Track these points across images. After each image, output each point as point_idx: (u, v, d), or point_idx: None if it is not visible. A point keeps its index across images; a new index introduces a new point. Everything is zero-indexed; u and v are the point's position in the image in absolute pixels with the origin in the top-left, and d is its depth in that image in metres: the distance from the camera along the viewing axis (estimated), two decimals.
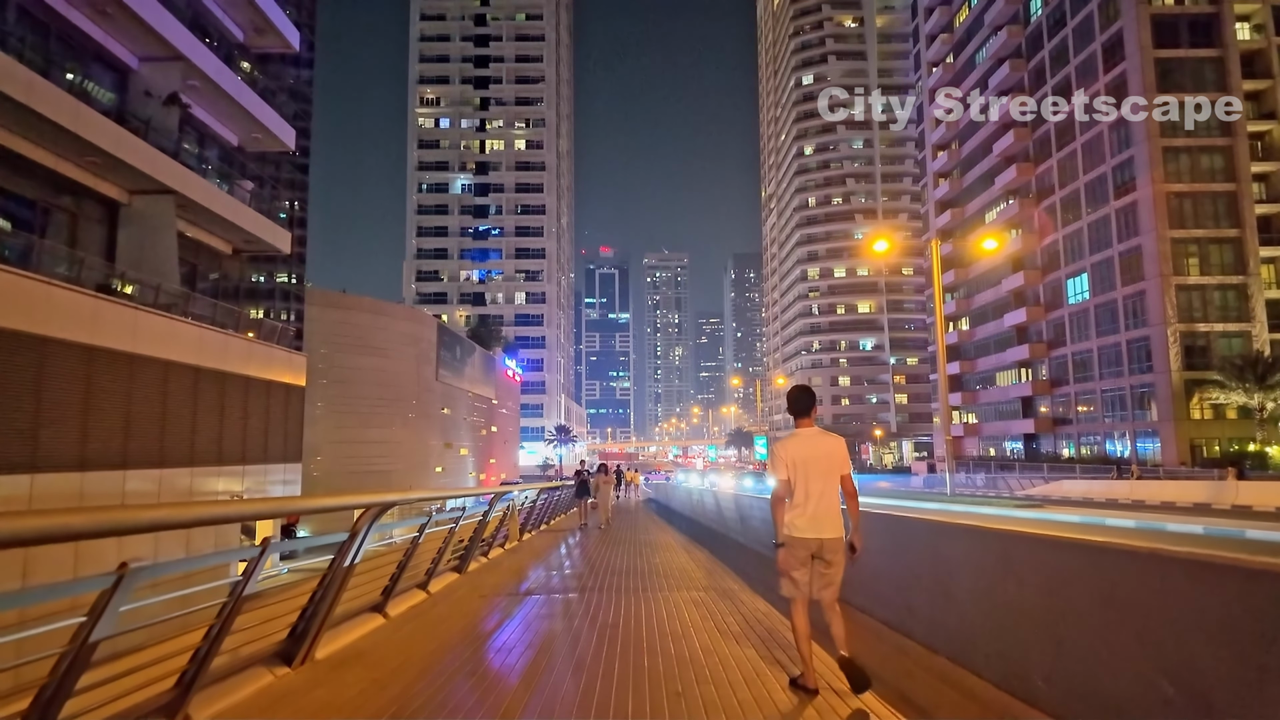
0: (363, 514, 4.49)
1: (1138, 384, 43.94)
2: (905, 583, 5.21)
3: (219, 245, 19.58)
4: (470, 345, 53.83)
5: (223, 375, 16.57)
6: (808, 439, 4.05)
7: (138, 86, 16.27)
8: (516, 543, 12.24)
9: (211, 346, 16.24)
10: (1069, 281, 50.73)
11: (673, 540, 13.15)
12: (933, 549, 4.87)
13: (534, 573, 8.96)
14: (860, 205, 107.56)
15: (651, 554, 10.82)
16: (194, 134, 18.80)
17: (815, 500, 3.93)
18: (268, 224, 19.98)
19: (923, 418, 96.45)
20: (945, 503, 25.00)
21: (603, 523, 15.26)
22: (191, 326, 15.63)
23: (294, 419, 20.03)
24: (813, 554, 3.96)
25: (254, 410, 17.91)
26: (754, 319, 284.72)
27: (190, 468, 15.39)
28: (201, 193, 16.81)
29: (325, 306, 35.46)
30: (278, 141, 21.08)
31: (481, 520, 8.72)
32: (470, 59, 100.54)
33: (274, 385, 18.92)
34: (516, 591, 7.46)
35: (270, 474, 18.78)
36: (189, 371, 15.36)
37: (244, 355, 17.67)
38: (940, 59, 68.86)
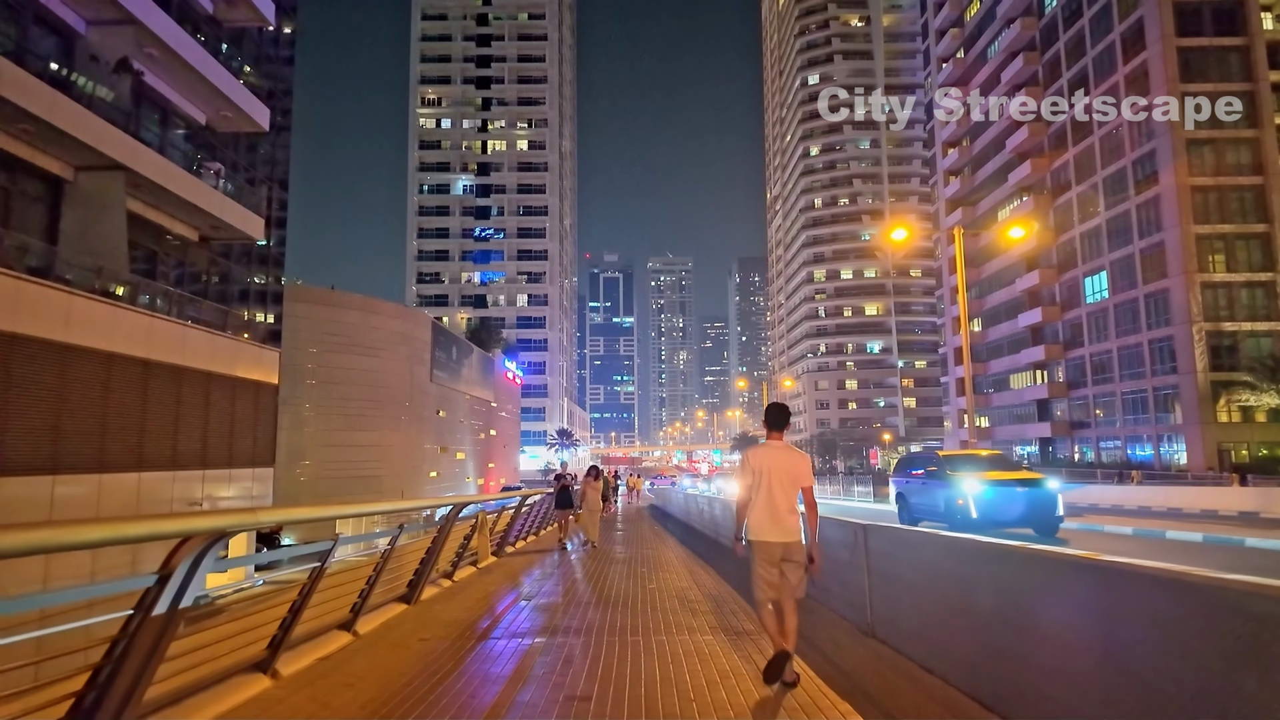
0: (179, 547, 2.87)
1: (1161, 386, 42.15)
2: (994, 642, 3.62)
3: (184, 231, 18.05)
4: (467, 346, 52.28)
5: (179, 370, 15.04)
6: (776, 451, 4.42)
7: (85, 52, 14.77)
8: (491, 560, 10.62)
9: (165, 338, 14.72)
10: (1086, 280, 48.99)
11: (673, 556, 11.52)
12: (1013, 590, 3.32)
13: (502, 601, 7.34)
14: (867, 206, 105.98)
15: (648, 575, 9.21)
16: (155, 110, 17.31)
17: (777, 507, 4.28)
18: (237, 208, 18.44)
19: (931, 422, 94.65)
20: None
21: (588, 542, 12.64)
22: (140, 315, 14.10)
23: (265, 420, 18.47)
24: (780, 557, 4.27)
25: (217, 410, 16.37)
26: (758, 323, 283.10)
27: (138, 473, 13.86)
28: (156, 170, 15.28)
29: (313, 304, 33.99)
30: (250, 121, 19.56)
31: (437, 538, 7.12)
32: (472, 59, 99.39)
33: (241, 383, 17.37)
34: (472, 631, 5.85)
35: (236, 479, 17.23)
36: (137, 365, 13.84)
37: (206, 349, 16.13)
38: (950, 54, 67.29)
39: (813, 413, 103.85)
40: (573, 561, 10.71)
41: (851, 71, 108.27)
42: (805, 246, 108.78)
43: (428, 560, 7.04)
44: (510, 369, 69.38)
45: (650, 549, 12.74)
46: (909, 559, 4.80)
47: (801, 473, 4.40)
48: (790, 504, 4.33)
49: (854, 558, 5.67)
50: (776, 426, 4.56)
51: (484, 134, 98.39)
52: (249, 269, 21.94)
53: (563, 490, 13.29)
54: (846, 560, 5.93)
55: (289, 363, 32.26)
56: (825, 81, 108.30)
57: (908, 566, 4.80)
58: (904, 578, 4.84)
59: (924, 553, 4.59)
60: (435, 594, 7.53)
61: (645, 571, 9.51)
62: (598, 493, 13.40)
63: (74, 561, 10.63)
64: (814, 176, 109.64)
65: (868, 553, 5.42)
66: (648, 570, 9.66)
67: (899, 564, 4.96)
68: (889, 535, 5.20)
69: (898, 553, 5.01)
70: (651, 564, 10.44)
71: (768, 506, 4.30)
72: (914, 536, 4.78)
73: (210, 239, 19.06)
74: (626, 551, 12.28)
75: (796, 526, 4.33)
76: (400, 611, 6.52)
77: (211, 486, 16.20)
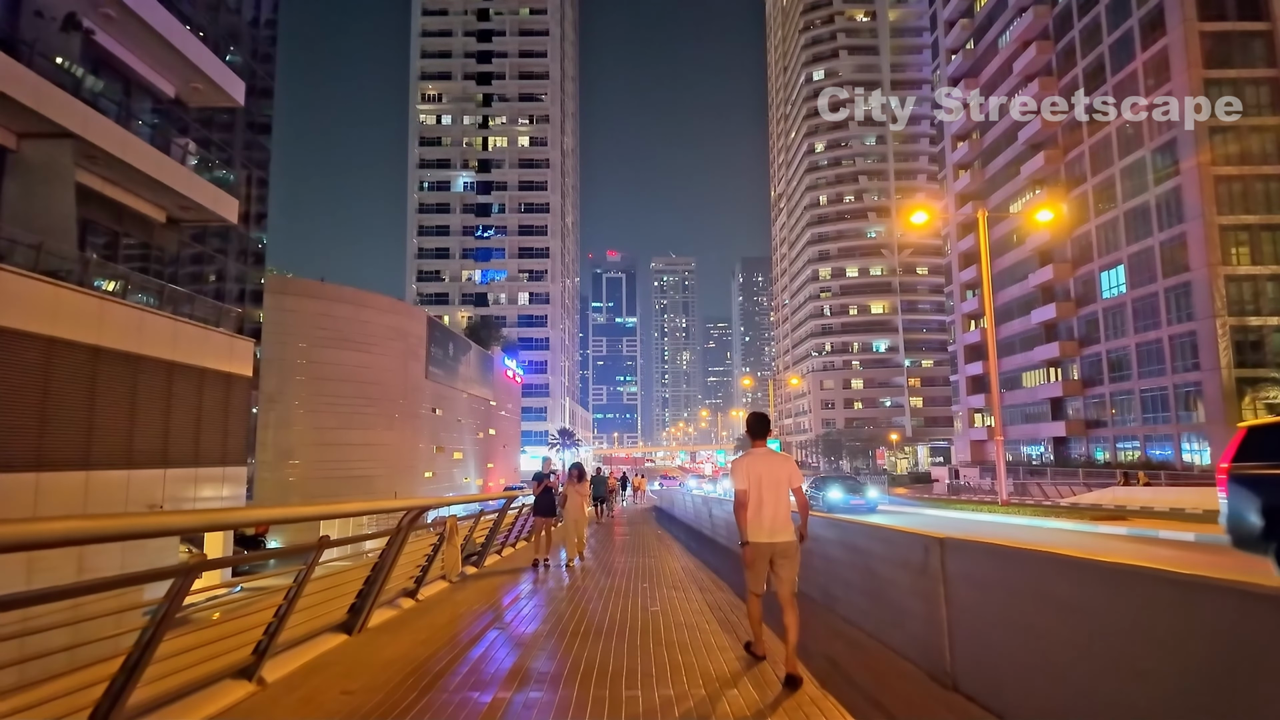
0: None
1: (1182, 383, 40.62)
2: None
3: (149, 211, 16.69)
4: (465, 343, 50.89)
5: (134, 359, 13.68)
6: (763, 457, 4.72)
7: (29, 7, 13.44)
8: (472, 570, 9.22)
9: (118, 323, 13.35)
10: (1103, 274, 47.47)
11: (678, 567, 10.13)
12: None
13: (468, 630, 5.95)
14: (873, 203, 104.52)
15: (649, 592, 7.81)
16: (116, 78, 15.96)
17: (769, 510, 4.58)
18: (207, 187, 17.08)
19: (939, 422, 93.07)
20: (1004, 514, 21.64)
21: (573, 558, 10.38)
22: (88, 298, 12.75)
23: (237, 415, 17.09)
24: (771, 556, 4.55)
25: (181, 403, 15.01)
26: (762, 323, 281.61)
27: (85, 471, 12.52)
28: (112, 140, 13.93)
29: (302, 296, 32.68)
30: (224, 95, 18.21)
31: (386, 551, 5.73)
32: (473, 54, 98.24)
33: (209, 374, 15.99)
34: (417, 678, 4.45)
35: (205, 479, 15.86)
36: (83, 352, 12.49)
37: (167, 336, 14.76)
38: (960, 45, 65.80)
39: (818, 413, 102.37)
40: (561, 577, 9.20)
41: (857, 67, 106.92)
42: (810, 244, 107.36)
43: (375, 579, 5.65)
44: (510, 367, 68.01)
45: (653, 558, 11.34)
46: (1021, 586, 3.39)
47: (790, 474, 4.69)
48: (781, 506, 4.59)
49: (922, 582, 4.27)
50: (759, 434, 4.91)
51: (485, 130, 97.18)
52: (226, 256, 20.56)
53: (544, 493, 10.47)
54: (909, 585, 4.53)
55: (277, 358, 30.96)
56: (830, 77, 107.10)
57: (1016, 595, 3.40)
58: (1010, 613, 3.45)
59: (1051, 580, 3.18)
60: (388, 619, 6.14)
61: (647, 588, 8.10)
62: (582, 498, 10.74)
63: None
64: (819, 173, 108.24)
65: (946, 577, 4.02)
66: (650, 586, 8.25)
67: (1000, 592, 3.56)
68: (981, 554, 3.79)
69: (998, 577, 3.61)
70: (654, 577, 9.04)
71: (759, 510, 4.57)
72: (1029, 557, 3.37)
73: (179, 221, 17.69)
74: (627, 561, 10.87)
75: (787, 527, 4.57)
76: (334, 646, 5.13)
77: (176, 487, 14.83)
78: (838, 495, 23.73)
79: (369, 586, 5.65)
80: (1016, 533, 16.30)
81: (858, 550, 5.57)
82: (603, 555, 11.70)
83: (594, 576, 9.18)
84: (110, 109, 14.82)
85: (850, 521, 6.01)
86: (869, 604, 5.23)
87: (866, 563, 5.35)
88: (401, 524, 5.81)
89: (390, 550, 5.72)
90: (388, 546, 5.72)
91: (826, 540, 6.15)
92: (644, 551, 12.27)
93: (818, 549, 6.21)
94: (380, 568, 5.68)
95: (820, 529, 6.13)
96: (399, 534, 5.75)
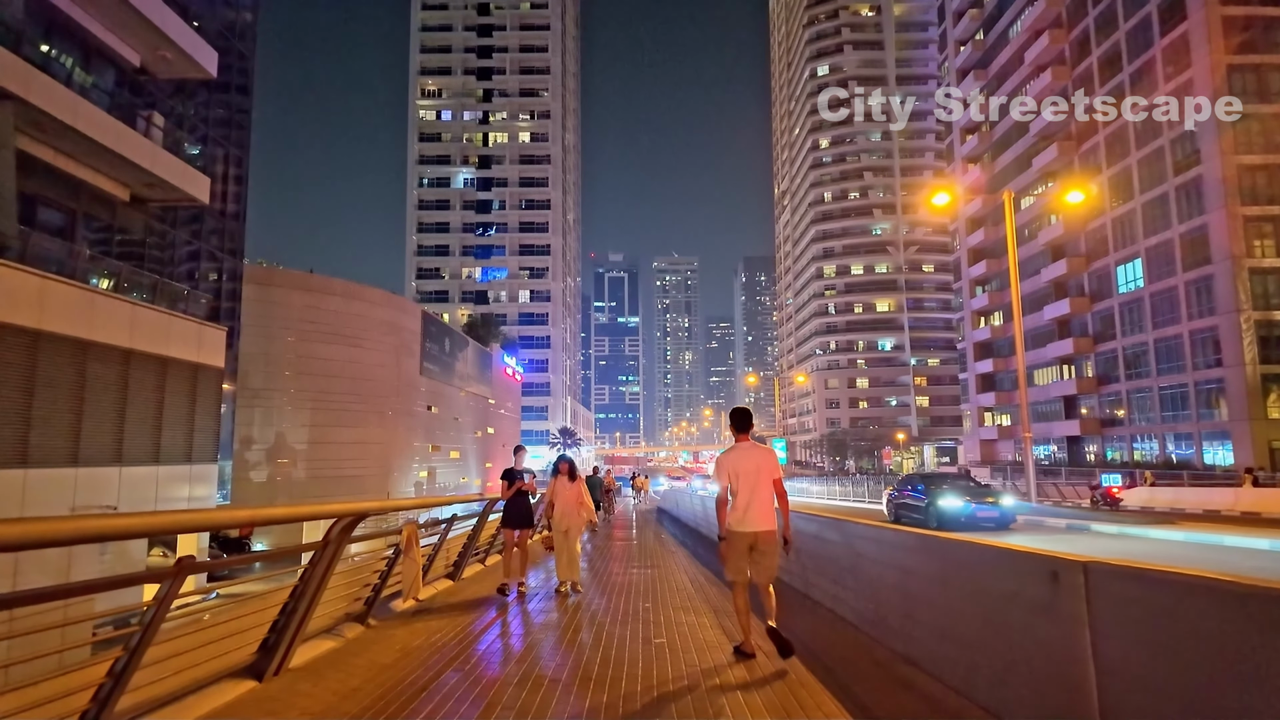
0: None
1: (1204, 380, 39.20)
2: None
3: (109, 188, 15.39)
4: (462, 339, 49.56)
5: (83, 345, 12.40)
6: (745, 451, 4.76)
7: None
8: (449, 583, 7.88)
9: (63, 305, 12.07)
10: (1119, 269, 46.05)
11: (685, 579, 8.81)
12: None
13: (415, 675, 4.64)
14: (878, 200, 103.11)
15: (653, 613, 6.48)
16: (72, 42, 14.67)
17: (750, 501, 4.64)
18: (174, 163, 15.77)
19: (946, 421, 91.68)
20: (1050, 516, 20.08)
21: (566, 583, 7.85)
22: (28, 275, 11.46)
23: (207, 408, 15.79)
24: (750, 546, 4.62)
25: (139, 395, 13.72)
26: (765, 323, 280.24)
27: (23, 469, 11.24)
28: (59, 104, 12.64)
29: (290, 288, 31.38)
30: (195, 66, 16.91)
31: (309, 570, 4.42)
32: (473, 49, 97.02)
33: (174, 363, 14.70)
34: None
35: (168, 478, 14.56)
36: (21, 336, 11.21)
37: (124, 321, 13.47)
38: (969, 36, 64.38)
39: (822, 412, 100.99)
40: (542, 600, 7.43)
41: (862, 62, 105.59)
42: (814, 241, 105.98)
43: (294, 606, 4.33)
44: (510, 364, 66.71)
45: (656, 568, 10.01)
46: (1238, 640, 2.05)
47: (770, 466, 4.74)
48: (762, 497, 4.68)
49: (1052, 626, 2.95)
50: (742, 429, 4.88)
51: (485, 126, 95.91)
52: (200, 240, 19.24)
53: (517, 498, 7.83)
54: (1021, 623, 3.21)
55: (263, 352, 29.70)
56: (835, 72, 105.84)
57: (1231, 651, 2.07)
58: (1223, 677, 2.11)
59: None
60: (318, 656, 4.82)
61: (649, 609, 6.77)
62: (576, 501, 7.96)
63: None
64: (823, 169, 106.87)
65: (1091, 618, 2.70)
66: (652, 606, 6.92)
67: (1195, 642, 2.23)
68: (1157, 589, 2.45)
69: (1191, 622, 2.27)
70: (658, 594, 7.70)
71: (739, 503, 4.69)
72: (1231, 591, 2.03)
73: (146, 200, 16.41)
74: (626, 573, 9.54)
75: (767, 518, 4.66)
76: (232, 699, 3.82)
77: (134, 487, 13.54)
78: (955, 504, 16.20)
79: (287, 617, 4.33)
80: (1133, 548, 13.07)
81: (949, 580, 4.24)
82: (598, 566, 10.38)
83: (586, 593, 7.85)
84: (65, 75, 13.55)
85: (928, 536, 4.65)
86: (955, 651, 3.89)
87: (960, 592, 4.02)
88: (329, 536, 4.49)
89: (316, 569, 4.40)
90: (310, 565, 4.40)
91: (880, 561, 4.82)
92: (646, 560, 10.95)
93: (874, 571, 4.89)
94: (300, 593, 4.35)
95: (882, 545, 4.81)
96: (325, 549, 4.42)
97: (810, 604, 6.44)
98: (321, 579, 4.48)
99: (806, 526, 6.53)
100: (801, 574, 6.94)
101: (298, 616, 4.33)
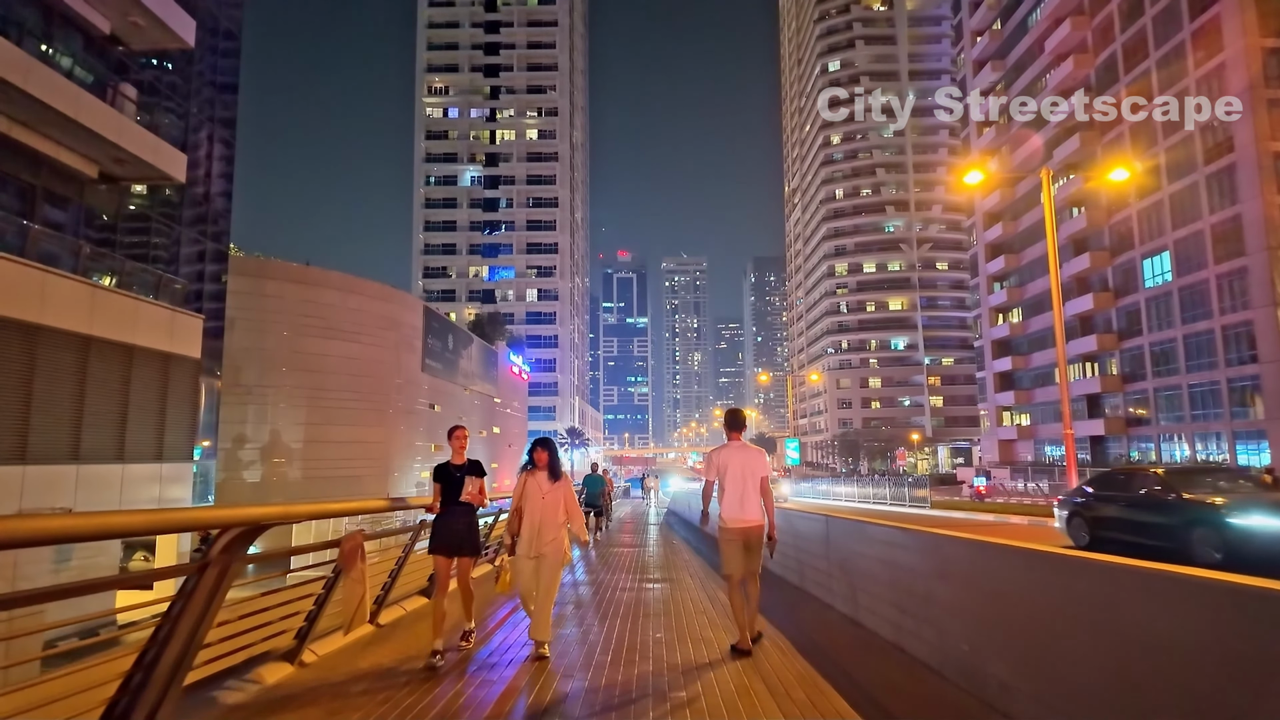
0: None
1: (1237, 377, 37.54)
2: None
3: (74, 163, 14.23)
4: (466, 335, 48.38)
5: (30, 329, 11.24)
6: (736, 449, 5.05)
7: None
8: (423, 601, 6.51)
9: (6, 283, 10.88)
10: (1145, 262, 44.40)
11: (702, 597, 7.49)
12: None
13: None
14: (891, 196, 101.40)
15: (665, 658, 5.17)
16: (33, 4, 13.52)
17: (739, 497, 4.91)
18: (146, 137, 14.61)
19: (960, 421, 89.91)
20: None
21: (541, 643, 4.87)
22: None
23: (180, 403, 14.61)
24: (744, 541, 4.88)
25: (100, 386, 12.54)
26: (774, 323, 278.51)
27: None
28: (7, 64, 11.46)
29: (285, 281, 30.28)
30: (170, 35, 15.74)
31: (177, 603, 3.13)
32: (480, 46, 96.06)
33: (141, 353, 13.53)
34: None
35: (134, 477, 13.37)
36: None
37: (82, 304, 12.31)
38: (986, 26, 62.82)
39: (834, 412, 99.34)
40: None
41: (873, 57, 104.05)
42: (826, 239, 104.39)
43: (153, 657, 3.05)
44: (515, 363, 65.53)
45: (668, 578, 8.69)
46: None
47: (759, 465, 5.01)
48: (751, 494, 4.93)
49: None
50: (735, 428, 5.22)
51: (492, 123, 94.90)
52: (179, 224, 18.05)
53: (453, 511, 5.11)
54: None
55: (256, 347, 28.60)
56: (846, 68, 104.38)
57: None
58: None
59: None
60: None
61: (661, 640, 5.45)
62: (558, 511, 5.04)
63: None
64: (834, 166, 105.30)
65: None
66: (664, 636, 5.59)
67: None
68: None
69: None
70: (671, 626, 6.38)
71: (729, 498, 4.93)
72: None
73: (115, 177, 15.24)
74: (628, 586, 8.22)
75: (755, 513, 4.92)
76: None
77: (94, 487, 12.35)
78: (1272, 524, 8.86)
79: (143, 671, 3.03)
80: None
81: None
82: (598, 575, 9.07)
83: (581, 614, 6.54)
84: (16, 35, 12.40)
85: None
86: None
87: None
88: (209, 556, 3.20)
89: (191, 602, 3.10)
90: (179, 597, 3.12)
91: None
92: (654, 570, 9.63)
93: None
94: (164, 636, 3.07)
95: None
96: (202, 573, 3.13)
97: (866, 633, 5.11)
98: (206, 613, 3.19)
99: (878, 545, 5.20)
100: (850, 596, 5.61)
101: (153, 674, 3.02)
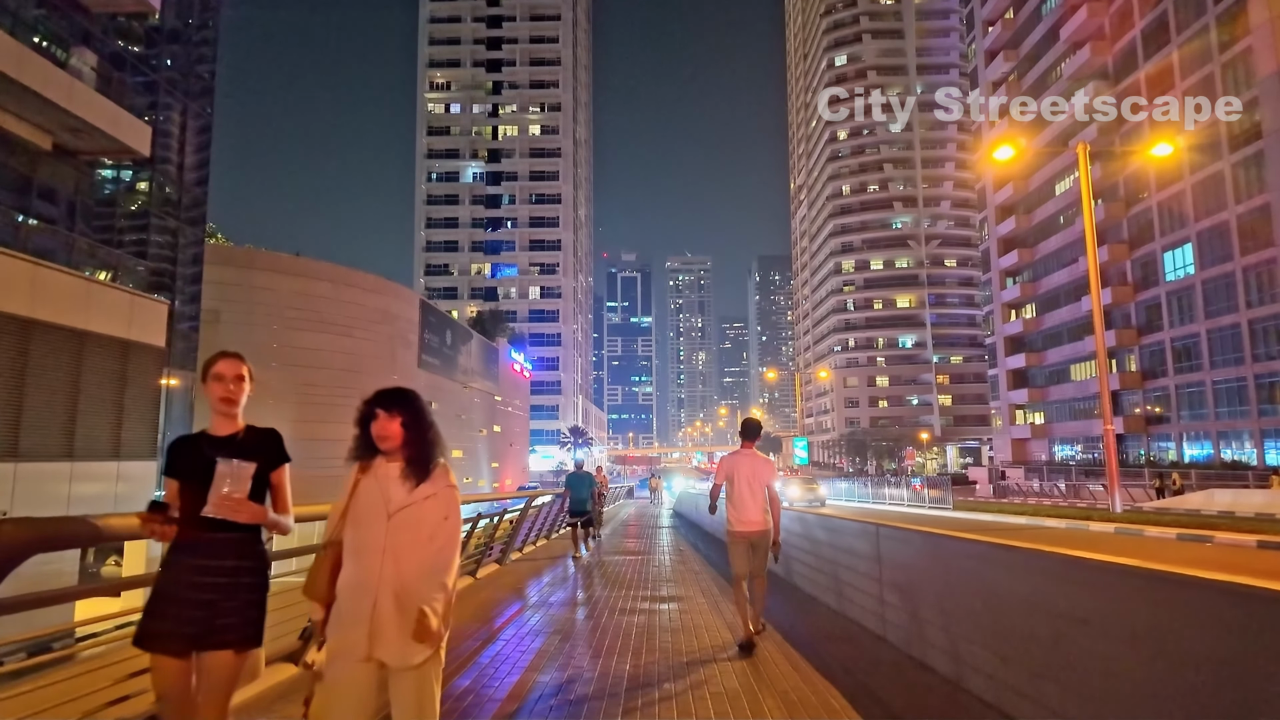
0: None
1: (1265, 373, 36.07)
2: None
3: (25, 133, 13.00)
4: (466, 331, 47.19)
5: None
6: (746, 457, 5.25)
7: None
8: None
9: None
10: (1166, 255, 42.91)
11: (719, 622, 6.20)
12: None
13: None
14: (899, 192, 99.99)
15: None
16: None
17: (747, 502, 5.12)
18: (105, 105, 13.39)
19: (969, 420, 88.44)
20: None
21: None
22: None
23: (141, 396, 13.40)
24: (749, 543, 5.10)
25: (43, 375, 11.33)
26: (779, 323, 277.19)
27: None
28: None
29: (274, 272, 29.09)
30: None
31: None
32: (482, 40, 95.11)
33: (93, 339, 12.30)
34: None
35: (85, 476, 12.15)
36: None
37: (21, 284, 11.08)
38: (998, 15, 61.36)
39: (841, 411, 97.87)
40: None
41: (881, 51, 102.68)
42: (832, 236, 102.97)
43: None
44: (517, 360, 64.32)
45: (677, 598, 7.39)
46: None
47: (766, 474, 5.24)
48: (757, 500, 5.15)
49: None
50: (749, 437, 5.37)
51: (495, 119, 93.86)
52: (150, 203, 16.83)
53: (190, 547, 2.09)
54: None
55: (244, 340, 27.33)
56: (853, 63, 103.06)
57: None
58: None
59: None
60: None
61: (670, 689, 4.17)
62: (430, 551, 2.12)
63: None
64: (841, 162, 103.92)
65: None
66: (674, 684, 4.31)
67: None
68: None
69: None
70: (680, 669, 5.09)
71: (737, 503, 5.14)
72: None
73: (73, 150, 14.03)
74: (629, 607, 6.91)
75: (761, 518, 5.12)
76: None
77: (35, 486, 11.10)
78: None
79: None
80: None
81: None
82: (596, 594, 7.77)
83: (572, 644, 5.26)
84: None
85: None
86: None
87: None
88: None
89: None
90: None
91: None
92: (663, 584, 8.33)
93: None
94: None
95: None
96: None
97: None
98: None
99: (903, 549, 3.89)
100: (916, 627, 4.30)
101: None
